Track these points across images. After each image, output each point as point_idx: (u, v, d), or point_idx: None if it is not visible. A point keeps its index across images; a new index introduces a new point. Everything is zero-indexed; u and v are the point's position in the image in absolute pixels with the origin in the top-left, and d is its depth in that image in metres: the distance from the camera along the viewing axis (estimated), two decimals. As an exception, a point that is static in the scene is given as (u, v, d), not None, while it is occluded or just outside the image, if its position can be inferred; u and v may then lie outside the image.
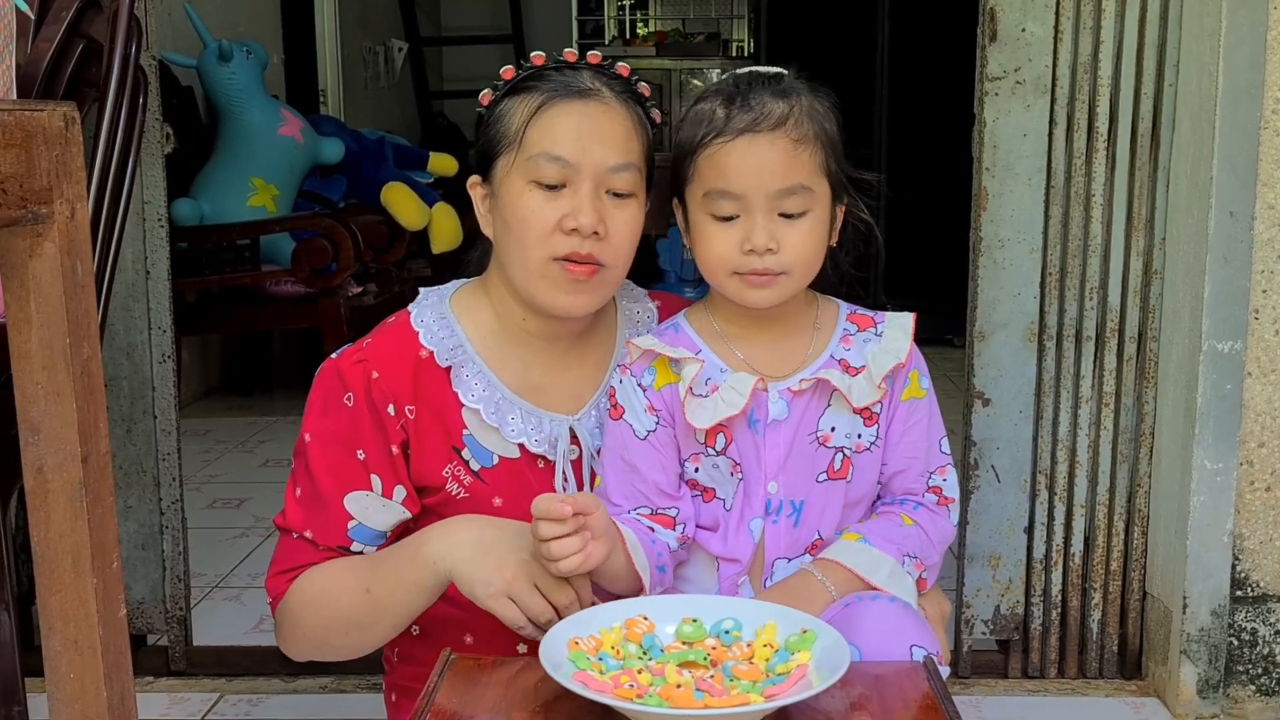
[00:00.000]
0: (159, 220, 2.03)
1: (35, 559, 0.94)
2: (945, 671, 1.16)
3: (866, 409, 1.26)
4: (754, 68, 1.28)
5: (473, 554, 1.21)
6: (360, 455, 1.29)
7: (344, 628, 1.30)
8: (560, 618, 1.14)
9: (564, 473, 1.32)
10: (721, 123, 1.21)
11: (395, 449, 1.30)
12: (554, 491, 1.31)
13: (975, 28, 1.97)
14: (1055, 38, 1.95)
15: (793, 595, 1.21)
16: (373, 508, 1.30)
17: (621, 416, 1.27)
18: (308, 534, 1.32)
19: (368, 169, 4.23)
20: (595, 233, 1.25)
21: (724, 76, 1.28)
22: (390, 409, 1.29)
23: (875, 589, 1.23)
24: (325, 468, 1.30)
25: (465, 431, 1.30)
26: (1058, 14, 1.94)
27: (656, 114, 1.35)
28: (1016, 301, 2.00)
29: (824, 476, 1.27)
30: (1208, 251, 1.87)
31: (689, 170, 1.24)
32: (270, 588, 1.34)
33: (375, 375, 1.29)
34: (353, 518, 1.30)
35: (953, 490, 1.33)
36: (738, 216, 1.21)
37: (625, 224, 1.28)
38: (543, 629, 1.12)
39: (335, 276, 3.54)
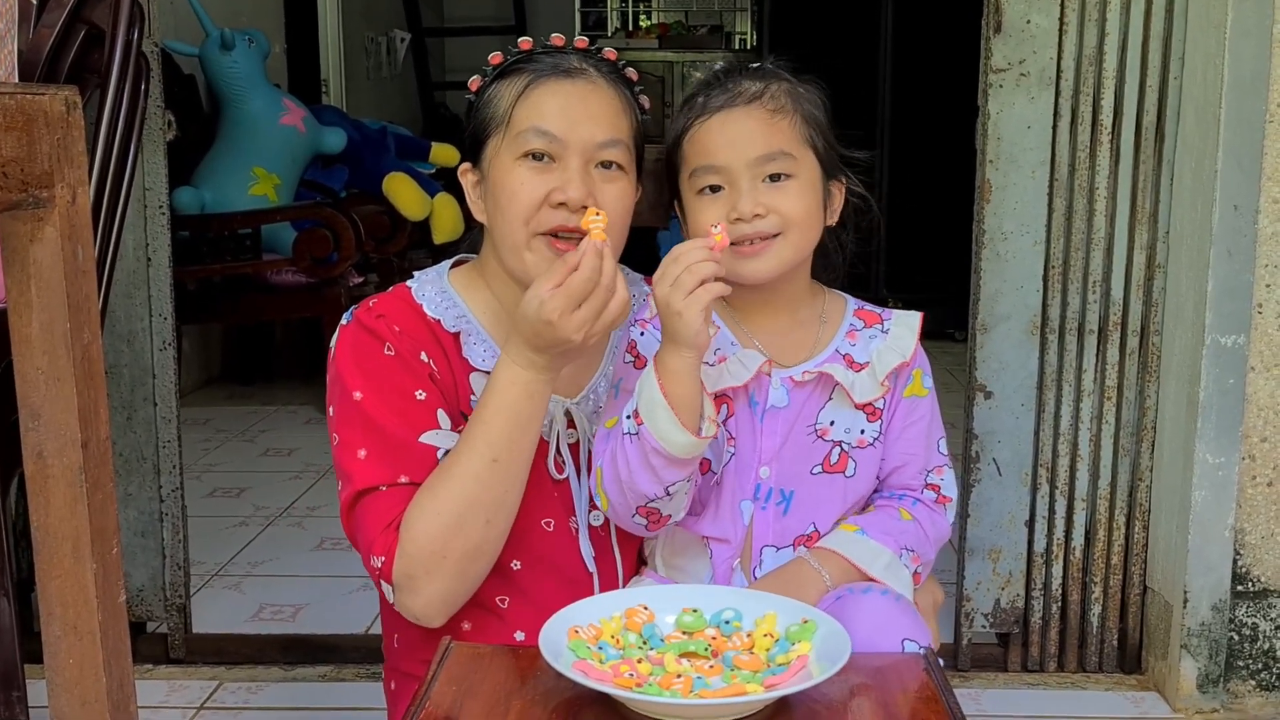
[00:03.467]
0: (160, 207, 2.03)
1: (35, 544, 0.94)
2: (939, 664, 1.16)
3: (869, 405, 1.26)
4: (737, 62, 1.31)
5: (520, 320, 1.19)
6: (421, 395, 1.26)
7: (485, 518, 1.20)
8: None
9: (558, 451, 1.31)
10: (701, 106, 1.25)
11: (439, 392, 1.28)
12: (545, 468, 1.31)
13: (979, 19, 1.97)
14: (1060, 30, 1.94)
15: (787, 583, 1.21)
16: (448, 445, 1.25)
17: (645, 367, 1.27)
18: (403, 479, 1.22)
19: (369, 159, 4.22)
20: (584, 206, 1.24)
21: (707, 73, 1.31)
22: (423, 355, 1.28)
23: (871, 580, 1.23)
24: (391, 416, 1.24)
25: (473, 397, 1.30)
26: (1063, 6, 1.93)
27: (645, 100, 1.34)
28: (1019, 294, 2.00)
29: (819, 469, 1.27)
30: (1211, 245, 1.86)
31: (677, 159, 1.27)
32: (381, 547, 1.22)
33: (397, 329, 1.28)
34: (438, 448, 1.24)
35: (950, 490, 1.33)
36: (722, 188, 1.23)
37: (615, 198, 1.27)
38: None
39: (336, 266, 3.54)
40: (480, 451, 1.20)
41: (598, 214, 1.18)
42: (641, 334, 1.29)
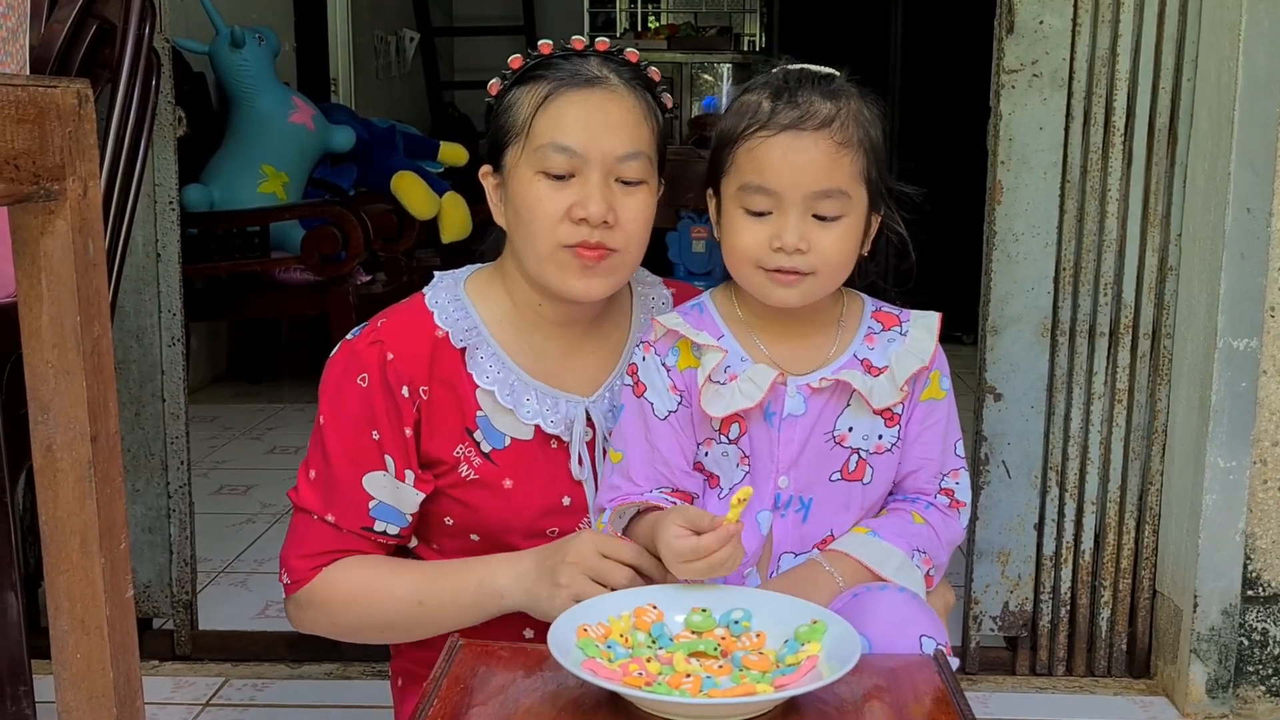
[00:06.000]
0: (170, 203, 2.03)
1: (43, 537, 0.94)
2: (955, 663, 1.15)
3: (887, 410, 1.25)
4: (806, 65, 1.25)
5: (534, 582, 1.23)
6: (375, 435, 1.29)
7: (381, 628, 1.32)
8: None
9: (579, 455, 1.31)
10: (766, 116, 1.19)
11: (408, 431, 1.29)
12: (568, 472, 1.32)
13: (991, 20, 1.96)
14: (1073, 30, 1.93)
15: (800, 585, 1.21)
16: (389, 488, 1.30)
17: (643, 394, 1.26)
18: (330, 518, 1.30)
19: (378, 158, 4.23)
20: (605, 222, 1.24)
21: (774, 70, 1.25)
22: (405, 390, 1.29)
23: (884, 581, 1.22)
24: (340, 451, 1.29)
25: (479, 413, 1.30)
26: (1076, 7, 1.92)
27: (668, 99, 1.34)
28: (1030, 296, 1.99)
29: (837, 476, 1.26)
30: (1224, 248, 1.85)
31: (727, 161, 1.22)
32: (293, 568, 1.32)
33: (390, 357, 1.28)
34: (373, 498, 1.30)
35: (965, 494, 1.31)
36: (770, 213, 1.19)
37: (636, 211, 1.27)
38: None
39: (344, 264, 3.53)
40: (418, 586, 1.30)
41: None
42: (644, 358, 1.28)
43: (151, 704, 1.92)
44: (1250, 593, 1.96)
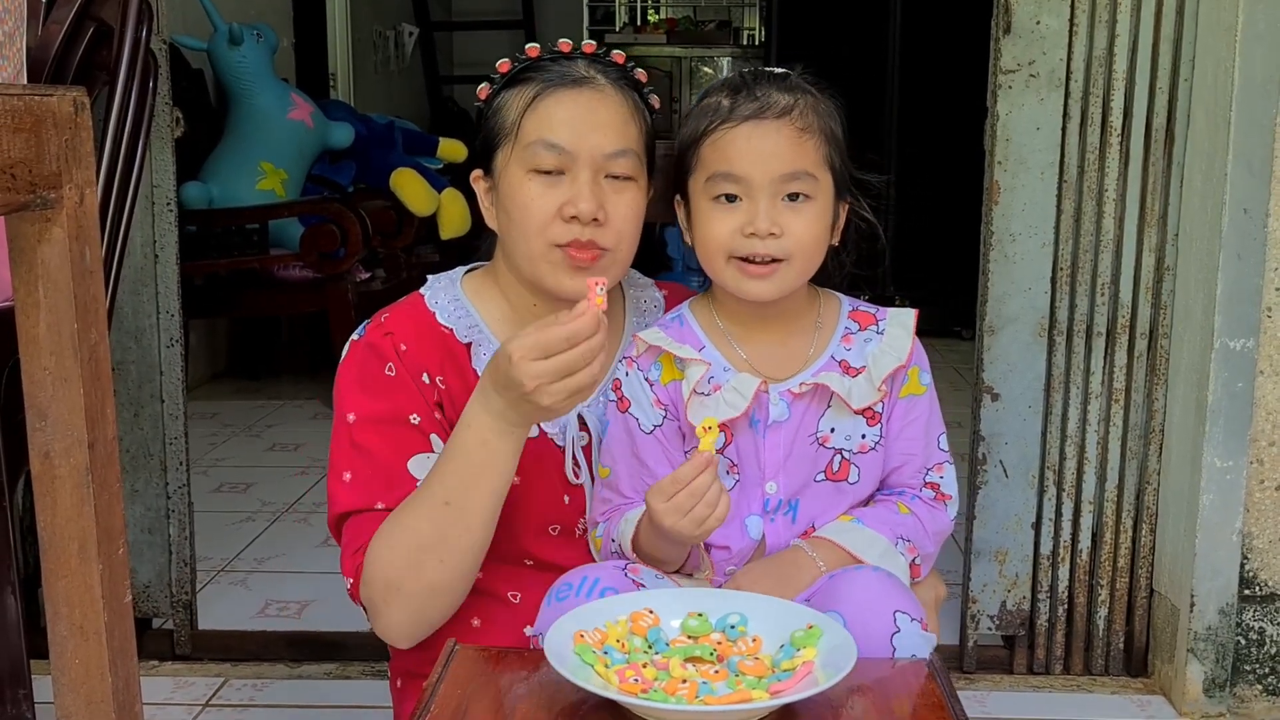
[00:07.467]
0: (168, 204, 2.03)
1: (41, 544, 0.94)
2: (931, 640, 1.15)
3: (868, 409, 1.26)
4: (760, 68, 1.29)
5: (502, 406, 1.15)
6: (415, 420, 1.27)
7: (439, 558, 1.20)
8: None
9: (574, 457, 1.32)
10: (726, 111, 1.22)
11: (438, 415, 1.29)
12: (565, 473, 1.33)
13: (989, 20, 1.96)
14: (1070, 31, 1.93)
15: (783, 569, 1.21)
16: None
17: (628, 410, 1.27)
18: (379, 505, 1.25)
19: (377, 154, 4.22)
20: (595, 219, 1.25)
21: (729, 75, 1.28)
22: (425, 377, 1.29)
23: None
24: (380, 441, 1.27)
25: None
26: (1073, 7, 1.92)
27: (655, 99, 1.35)
28: (1027, 296, 1.99)
29: (822, 477, 1.26)
30: (1221, 248, 1.86)
31: (692, 160, 1.25)
32: (349, 570, 1.26)
33: (403, 348, 1.29)
34: (419, 481, 1.26)
35: (950, 487, 1.32)
36: (740, 200, 1.21)
37: (626, 208, 1.28)
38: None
39: (343, 261, 3.54)
40: (435, 492, 1.20)
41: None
42: (627, 373, 1.28)
43: (151, 704, 1.93)
44: (1247, 592, 1.96)
